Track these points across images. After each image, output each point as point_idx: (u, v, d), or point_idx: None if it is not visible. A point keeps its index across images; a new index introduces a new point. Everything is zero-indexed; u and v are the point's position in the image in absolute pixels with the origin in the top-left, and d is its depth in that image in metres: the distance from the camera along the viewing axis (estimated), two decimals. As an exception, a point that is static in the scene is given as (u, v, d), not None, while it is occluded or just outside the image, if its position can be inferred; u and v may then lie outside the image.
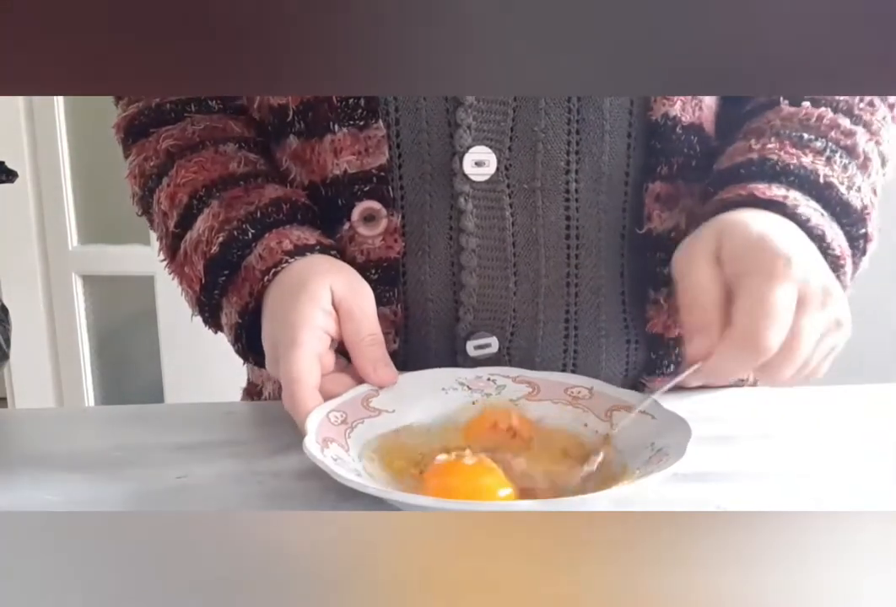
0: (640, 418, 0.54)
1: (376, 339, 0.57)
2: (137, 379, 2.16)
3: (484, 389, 0.58)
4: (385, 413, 0.55)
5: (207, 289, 0.62)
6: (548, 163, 0.61)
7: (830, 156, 0.59)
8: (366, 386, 0.56)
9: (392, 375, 0.57)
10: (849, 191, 0.58)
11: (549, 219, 0.62)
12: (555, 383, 0.59)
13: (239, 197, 0.62)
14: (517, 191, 0.62)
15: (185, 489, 0.52)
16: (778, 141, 0.60)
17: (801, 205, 0.56)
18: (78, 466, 0.55)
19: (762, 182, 0.57)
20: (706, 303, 0.52)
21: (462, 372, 0.60)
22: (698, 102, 0.63)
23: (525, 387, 0.58)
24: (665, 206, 0.63)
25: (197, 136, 0.67)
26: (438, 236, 0.62)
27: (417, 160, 0.62)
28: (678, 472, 0.50)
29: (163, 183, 0.66)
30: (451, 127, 0.61)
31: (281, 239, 0.60)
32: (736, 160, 0.60)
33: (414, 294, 0.64)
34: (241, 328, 0.61)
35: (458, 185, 0.61)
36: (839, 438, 0.60)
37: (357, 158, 0.61)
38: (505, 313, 0.63)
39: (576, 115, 0.61)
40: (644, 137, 0.62)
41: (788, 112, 0.62)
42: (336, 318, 0.57)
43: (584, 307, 0.64)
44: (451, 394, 0.58)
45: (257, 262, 0.59)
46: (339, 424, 0.53)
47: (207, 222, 0.62)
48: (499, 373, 0.60)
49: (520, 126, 0.61)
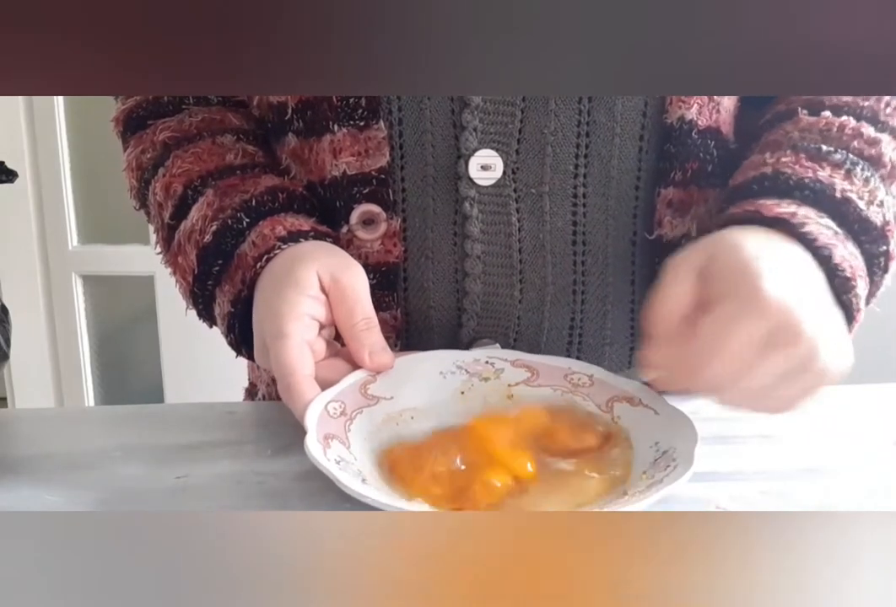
0: (643, 412, 0.53)
1: (370, 323, 0.55)
2: (137, 379, 2.16)
3: (482, 373, 0.57)
4: (383, 400, 0.54)
5: (200, 279, 0.61)
6: (556, 167, 0.60)
7: (851, 169, 0.57)
8: (363, 371, 0.55)
9: (388, 360, 0.56)
10: (869, 206, 0.56)
11: (556, 225, 0.61)
12: (555, 368, 0.58)
13: (234, 185, 0.61)
14: (524, 196, 0.61)
15: (185, 489, 0.52)
16: (794, 154, 0.58)
17: (809, 224, 0.53)
18: (78, 466, 0.55)
19: (772, 198, 0.55)
20: (671, 315, 0.50)
21: (460, 354, 0.59)
22: (716, 105, 0.61)
23: (524, 371, 0.58)
24: (677, 213, 0.62)
25: (194, 128, 0.66)
26: (442, 241, 0.61)
27: (420, 162, 0.60)
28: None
29: (158, 174, 0.65)
30: (456, 129, 0.60)
31: (275, 225, 0.58)
32: (749, 175, 0.58)
33: (416, 300, 0.63)
34: (233, 318, 0.59)
35: (464, 190, 0.60)
36: (839, 438, 0.60)
37: (357, 160, 0.60)
38: (509, 320, 0.63)
39: (586, 117, 0.59)
40: (657, 141, 0.61)
41: (808, 122, 0.60)
42: (326, 303, 0.55)
43: (590, 315, 0.64)
44: (448, 378, 0.57)
45: (250, 249, 0.58)
46: (338, 417, 0.52)
47: (201, 211, 0.61)
48: (497, 356, 0.58)
49: (528, 128, 0.59)
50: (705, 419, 0.62)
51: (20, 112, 1.93)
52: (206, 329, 0.65)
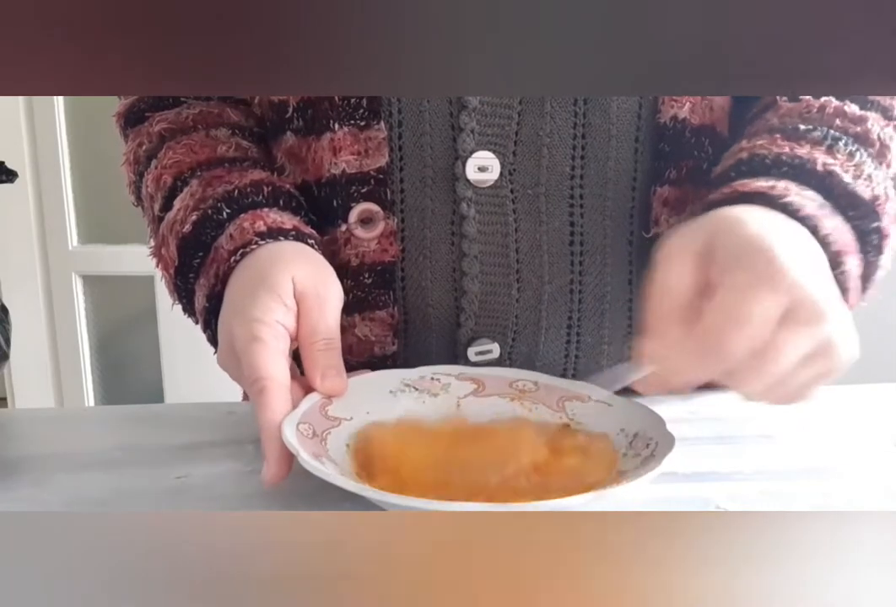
0: (596, 406, 0.53)
1: (331, 344, 0.52)
2: (137, 379, 2.16)
3: (430, 389, 0.57)
4: (344, 421, 0.53)
5: (182, 271, 0.59)
6: (552, 169, 0.60)
7: (832, 145, 0.55)
8: (317, 393, 0.53)
9: (341, 386, 0.52)
10: (855, 180, 0.53)
11: (552, 226, 0.61)
12: (498, 378, 0.57)
13: (220, 177, 0.60)
14: (521, 197, 0.61)
15: (185, 489, 0.52)
16: (769, 136, 0.56)
17: (790, 195, 0.51)
18: (78, 466, 0.55)
19: (749, 177, 0.54)
20: (671, 302, 0.47)
21: (405, 372, 0.58)
22: (709, 104, 0.61)
23: (469, 383, 0.57)
24: (673, 211, 0.62)
25: (191, 120, 0.65)
26: (440, 241, 0.62)
27: (419, 163, 0.61)
28: (678, 472, 0.50)
29: (151, 166, 0.64)
30: (454, 130, 0.60)
31: (255, 220, 0.57)
32: (726, 164, 0.58)
33: (414, 299, 0.63)
34: (208, 313, 0.57)
35: (461, 190, 0.60)
36: (839, 438, 0.60)
37: (356, 159, 0.60)
38: (507, 320, 0.63)
39: (581, 119, 0.60)
40: (652, 141, 0.61)
41: (788, 108, 0.59)
42: (295, 315, 0.52)
43: (588, 314, 0.64)
44: (398, 395, 0.56)
45: (226, 242, 0.56)
46: (311, 437, 0.50)
47: (184, 201, 0.60)
48: (441, 371, 0.58)
49: (524, 130, 0.60)
50: (705, 419, 0.62)
51: (20, 112, 1.93)
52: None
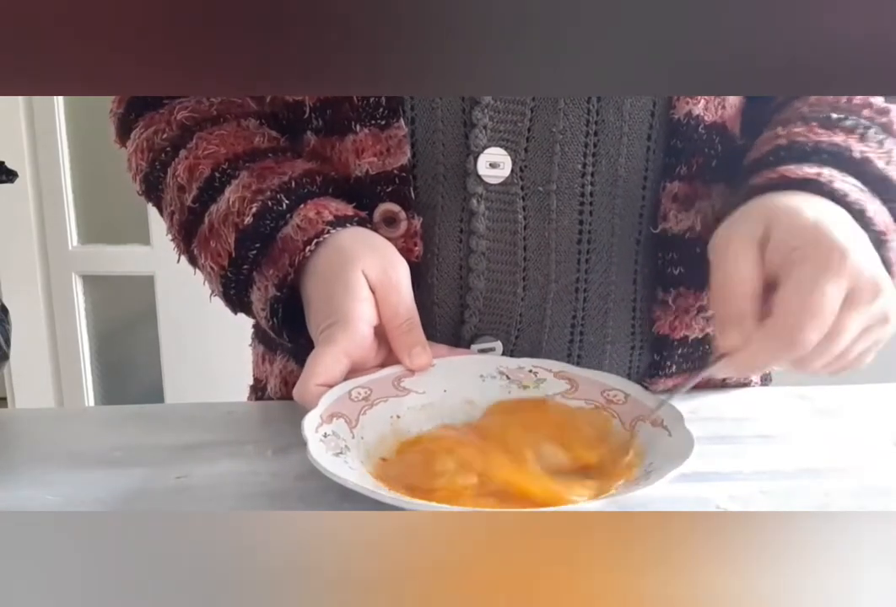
0: (658, 432, 0.53)
1: (412, 323, 0.57)
2: (137, 379, 2.16)
3: (522, 381, 0.58)
4: (414, 393, 0.56)
5: (237, 262, 0.60)
6: (564, 166, 0.60)
7: (864, 133, 0.57)
8: (401, 367, 0.57)
9: (427, 360, 0.57)
10: (888, 165, 0.56)
11: (562, 223, 0.61)
12: (594, 383, 0.58)
13: (270, 168, 0.61)
14: (531, 194, 0.61)
15: (185, 489, 0.52)
16: (805, 125, 0.58)
17: (836, 181, 0.54)
18: (78, 466, 0.55)
19: (792, 164, 0.56)
20: (745, 291, 0.50)
21: (506, 360, 0.59)
22: (722, 101, 0.62)
23: (564, 383, 0.58)
24: (682, 207, 0.62)
25: (214, 109, 0.65)
26: (449, 238, 0.62)
27: (431, 160, 0.61)
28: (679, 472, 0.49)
29: (180, 155, 0.64)
30: (466, 127, 0.60)
31: (319, 209, 0.59)
32: (764, 149, 0.59)
33: (420, 295, 0.62)
34: (277, 301, 0.59)
35: (472, 186, 0.60)
36: (839, 438, 0.60)
37: (379, 159, 0.60)
38: (511, 318, 0.63)
39: (595, 117, 0.60)
40: (664, 138, 0.61)
41: (816, 98, 0.61)
42: (374, 302, 0.56)
43: (592, 313, 0.64)
44: (487, 381, 0.58)
45: (295, 233, 0.58)
46: (359, 401, 0.53)
47: (237, 193, 0.60)
48: (541, 365, 0.59)
49: (537, 127, 0.60)
50: (705, 419, 0.62)
51: (20, 112, 1.93)
52: (206, 329, 0.65)
